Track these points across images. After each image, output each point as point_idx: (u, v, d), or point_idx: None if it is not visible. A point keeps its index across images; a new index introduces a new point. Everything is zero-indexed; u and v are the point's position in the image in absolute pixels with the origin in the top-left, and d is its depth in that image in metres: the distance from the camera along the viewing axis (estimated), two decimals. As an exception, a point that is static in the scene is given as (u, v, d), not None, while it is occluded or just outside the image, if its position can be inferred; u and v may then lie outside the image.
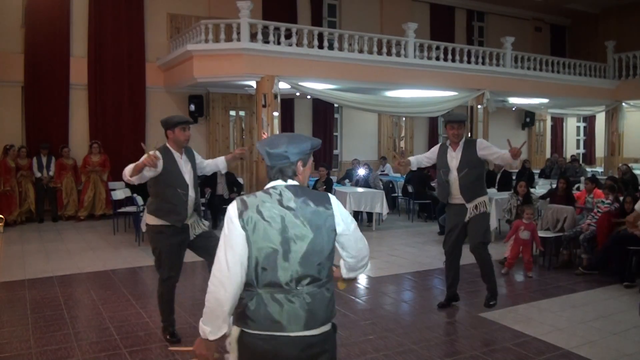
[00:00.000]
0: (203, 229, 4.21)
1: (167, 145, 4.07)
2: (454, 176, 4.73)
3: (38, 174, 10.21)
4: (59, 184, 10.35)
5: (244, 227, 1.93)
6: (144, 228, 7.70)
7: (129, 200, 9.34)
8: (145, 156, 3.75)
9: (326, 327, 2.00)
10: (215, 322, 2.00)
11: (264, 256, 1.93)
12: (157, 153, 3.86)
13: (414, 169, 5.25)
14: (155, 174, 3.91)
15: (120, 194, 9.21)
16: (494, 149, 4.70)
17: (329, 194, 2.11)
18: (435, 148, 5.04)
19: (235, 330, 2.00)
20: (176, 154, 4.06)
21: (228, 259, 1.93)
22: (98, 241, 8.46)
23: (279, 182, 2.05)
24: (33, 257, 7.21)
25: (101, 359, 3.88)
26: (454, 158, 4.75)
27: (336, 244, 2.08)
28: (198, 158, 4.34)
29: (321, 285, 1.99)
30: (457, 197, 4.76)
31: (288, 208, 1.97)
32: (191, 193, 4.09)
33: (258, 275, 1.94)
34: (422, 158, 5.10)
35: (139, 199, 8.32)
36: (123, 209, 9.16)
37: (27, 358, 3.88)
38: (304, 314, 1.94)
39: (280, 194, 2.00)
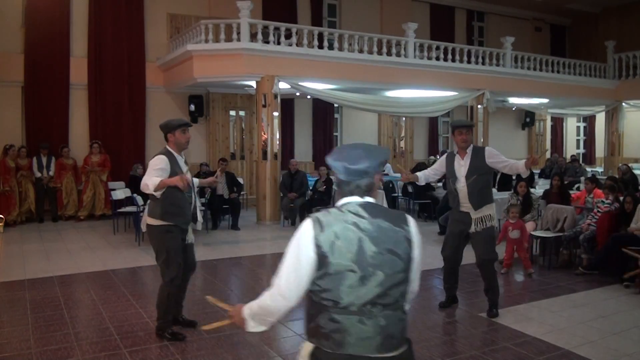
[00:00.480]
0: (192, 240, 4.41)
1: (169, 148, 4.12)
2: (462, 184, 4.68)
3: (38, 174, 10.21)
4: (59, 184, 10.35)
5: (317, 250, 1.82)
6: (144, 228, 7.75)
7: (129, 200, 9.35)
8: (177, 178, 3.84)
9: (403, 349, 1.92)
10: (260, 323, 2.04)
11: (339, 278, 1.83)
12: (191, 178, 4.09)
13: (422, 184, 5.17)
14: (166, 177, 3.99)
15: (120, 194, 9.22)
16: (502, 158, 4.65)
17: (406, 214, 1.97)
18: (443, 159, 4.98)
19: (308, 346, 1.94)
20: (178, 157, 4.15)
21: (290, 278, 1.87)
22: (98, 241, 8.46)
23: (355, 199, 1.92)
24: (33, 257, 7.21)
25: (101, 359, 3.88)
26: (462, 166, 4.70)
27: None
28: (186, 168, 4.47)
29: (397, 308, 1.90)
30: (465, 205, 4.72)
31: (365, 230, 1.85)
32: (194, 195, 4.24)
33: (331, 295, 1.85)
34: (429, 173, 5.04)
35: (139, 199, 8.32)
36: (123, 209, 9.16)
37: (27, 358, 3.88)
38: (378, 336, 1.85)
39: (357, 214, 1.87)
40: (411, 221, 1.94)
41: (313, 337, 1.91)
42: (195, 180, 4.66)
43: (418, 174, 5.00)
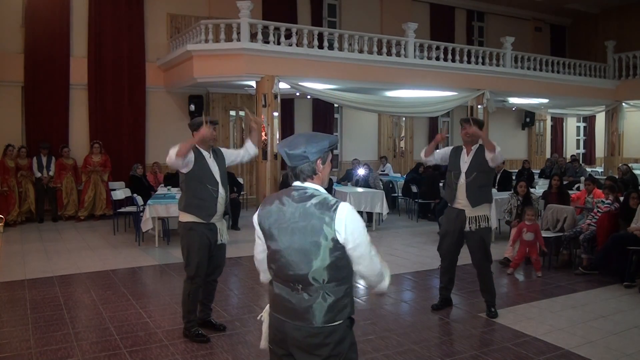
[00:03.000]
0: (226, 240, 4.35)
1: (196, 145, 4.18)
2: (462, 179, 4.72)
3: (38, 174, 10.21)
4: (59, 184, 10.35)
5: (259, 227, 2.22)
6: (144, 228, 7.79)
7: (129, 200, 9.35)
8: (202, 128, 3.99)
9: (327, 324, 2.09)
10: None
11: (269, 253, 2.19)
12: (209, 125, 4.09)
13: (432, 163, 5.19)
14: (188, 168, 4.07)
15: (120, 194, 9.21)
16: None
17: (343, 204, 2.08)
18: (448, 149, 5.02)
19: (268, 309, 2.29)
20: (205, 153, 4.19)
21: None
22: (98, 241, 8.46)
23: (297, 183, 2.15)
24: (33, 257, 7.21)
25: (101, 359, 3.88)
26: (465, 162, 4.75)
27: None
28: (231, 156, 4.47)
29: (316, 290, 2.07)
30: (460, 201, 4.74)
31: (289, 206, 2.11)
32: (221, 191, 4.20)
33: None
34: (439, 156, 5.03)
35: (139, 199, 8.32)
36: (123, 209, 9.16)
37: (27, 358, 3.88)
38: (300, 310, 2.09)
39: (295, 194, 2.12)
40: (342, 209, 2.05)
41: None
42: (248, 144, 4.51)
43: (436, 152, 5.01)
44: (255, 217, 2.23)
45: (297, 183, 2.15)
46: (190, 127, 4.27)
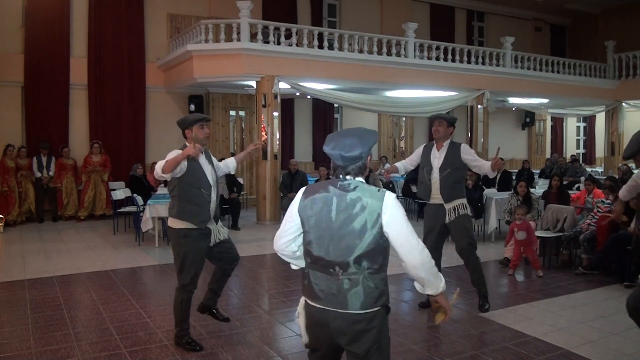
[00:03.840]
0: (224, 236, 4.10)
1: (187, 144, 3.96)
2: (435, 175, 4.76)
3: (38, 174, 10.21)
4: (59, 184, 10.35)
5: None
6: (144, 228, 7.78)
7: (129, 200, 9.35)
8: (188, 147, 3.68)
9: (368, 310, 2.18)
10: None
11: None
12: (197, 145, 3.79)
13: (402, 174, 5.30)
14: (181, 173, 3.83)
15: (120, 194, 9.21)
16: (476, 156, 4.79)
17: (388, 193, 2.22)
18: (420, 148, 5.08)
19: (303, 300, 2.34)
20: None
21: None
22: (98, 241, 8.46)
23: (348, 177, 2.25)
24: (33, 257, 7.21)
25: (101, 359, 3.88)
26: (436, 158, 4.79)
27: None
28: (215, 160, 4.26)
29: (356, 275, 2.17)
30: (436, 197, 4.79)
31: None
32: (213, 194, 3.98)
33: None
34: (407, 162, 5.10)
35: (139, 199, 8.32)
36: (123, 209, 9.16)
37: (27, 358, 3.88)
38: (340, 296, 2.18)
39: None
40: (388, 196, 2.19)
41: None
42: (231, 160, 4.40)
43: (397, 164, 5.05)
44: (295, 206, 2.29)
45: (348, 177, 2.24)
46: (181, 125, 3.99)
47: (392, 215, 2.15)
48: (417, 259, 2.20)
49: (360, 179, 2.26)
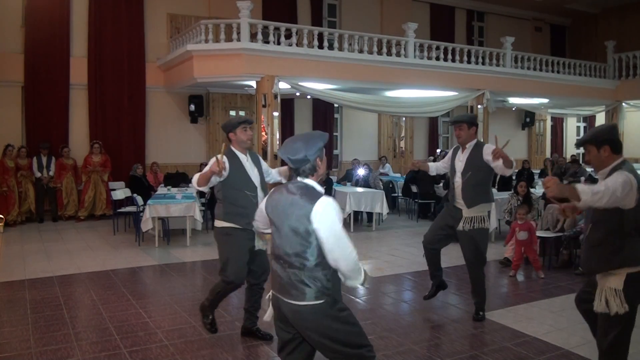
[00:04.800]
0: (264, 246, 4.06)
1: (232, 147, 4.01)
2: (458, 179, 4.65)
3: (38, 174, 10.21)
4: (59, 184, 10.35)
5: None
6: (144, 228, 7.79)
7: (129, 200, 9.35)
8: (212, 161, 3.73)
9: (311, 302, 2.39)
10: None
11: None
12: (225, 159, 3.84)
13: (433, 174, 5.19)
14: (222, 178, 3.87)
15: (120, 194, 9.21)
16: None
17: (323, 198, 2.40)
18: (450, 151, 4.98)
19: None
20: (242, 156, 4.00)
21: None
22: (98, 241, 8.46)
23: (298, 179, 2.50)
24: (33, 257, 7.21)
25: (101, 359, 3.88)
26: (460, 161, 4.69)
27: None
28: (264, 164, 4.22)
29: (300, 270, 2.40)
30: (459, 202, 4.66)
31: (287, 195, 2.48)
32: (260, 195, 3.96)
33: None
34: (440, 165, 5.03)
35: (139, 199, 8.32)
36: (123, 209, 9.16)
37: (27, 358, 3.88)
38: (287, 286, 2.43)
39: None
40: (322, 203, 2.37)
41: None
42: (283, 169, 4.26)
43: (430, 164, 5.04)
44: (262, 203, 2.68)
45: (299, 178, 2.49)
46: (225, 129, 4.03)
47: (321, 220, 2.34)
48: (342, 265, 2.40)
49: (309, 180, 2.47)
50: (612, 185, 2.79)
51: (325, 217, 2.35)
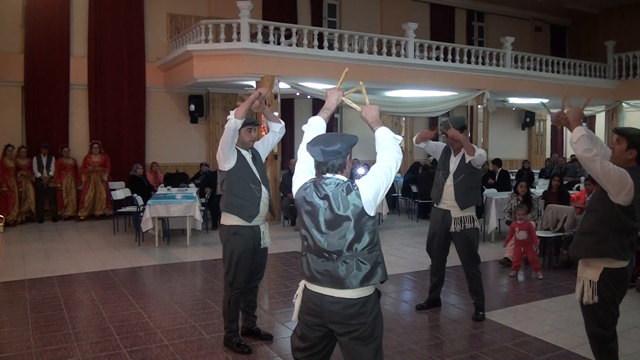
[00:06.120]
0: (269, 243, 4.11)
1: (235, 146, 4.02)
2: (450, 181, 4.69)
3: (38, 174, 10.21)
4: (59, 184, 10.35)
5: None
6: (144, 228, 7.78)
7: (129, 200, 9.35)
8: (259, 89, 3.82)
9: (359, 293, 2.37)
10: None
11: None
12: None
13: (422, 147, 5.01)
14: (230, 165, 3.89)
15: (120, 194, 9.21)
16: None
17: (358, 181, 2.38)
18: (442, 145, 4.99)
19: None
20: (245, 153, 4.03)
21: None
22: (98, 241, 8.46)
23: (328, 175, 2.40)
24: (33, 257, 7.21)
25: (101, 359, 3.88)
26: (452, 162, 4.74)
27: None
28: (262, 146, 4.21)
29: (351, 257, 2.39)
30: (446, 202, 4.71)
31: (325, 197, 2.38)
32: (264, 190, 4.01)
33: None
34: (432, 145, 5.01)
35: (139, 199, 8.32)
36: (123, 209, 9.16)
37: (27, 358, 3.88)
38: (337, 278, 2.38)
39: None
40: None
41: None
42: (270, 124, 4.24)
43: (430, 141, 4.97)
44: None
45: (328, 175, 2.39)
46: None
47: (368, 189, 2.35)
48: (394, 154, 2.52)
49: (343, 177, 2.40)
50: (613, 167, 2.89)
51: (370, 183, 2.37)
